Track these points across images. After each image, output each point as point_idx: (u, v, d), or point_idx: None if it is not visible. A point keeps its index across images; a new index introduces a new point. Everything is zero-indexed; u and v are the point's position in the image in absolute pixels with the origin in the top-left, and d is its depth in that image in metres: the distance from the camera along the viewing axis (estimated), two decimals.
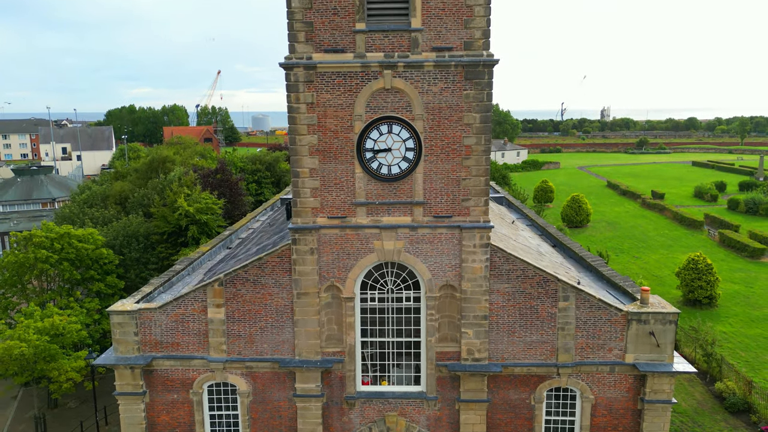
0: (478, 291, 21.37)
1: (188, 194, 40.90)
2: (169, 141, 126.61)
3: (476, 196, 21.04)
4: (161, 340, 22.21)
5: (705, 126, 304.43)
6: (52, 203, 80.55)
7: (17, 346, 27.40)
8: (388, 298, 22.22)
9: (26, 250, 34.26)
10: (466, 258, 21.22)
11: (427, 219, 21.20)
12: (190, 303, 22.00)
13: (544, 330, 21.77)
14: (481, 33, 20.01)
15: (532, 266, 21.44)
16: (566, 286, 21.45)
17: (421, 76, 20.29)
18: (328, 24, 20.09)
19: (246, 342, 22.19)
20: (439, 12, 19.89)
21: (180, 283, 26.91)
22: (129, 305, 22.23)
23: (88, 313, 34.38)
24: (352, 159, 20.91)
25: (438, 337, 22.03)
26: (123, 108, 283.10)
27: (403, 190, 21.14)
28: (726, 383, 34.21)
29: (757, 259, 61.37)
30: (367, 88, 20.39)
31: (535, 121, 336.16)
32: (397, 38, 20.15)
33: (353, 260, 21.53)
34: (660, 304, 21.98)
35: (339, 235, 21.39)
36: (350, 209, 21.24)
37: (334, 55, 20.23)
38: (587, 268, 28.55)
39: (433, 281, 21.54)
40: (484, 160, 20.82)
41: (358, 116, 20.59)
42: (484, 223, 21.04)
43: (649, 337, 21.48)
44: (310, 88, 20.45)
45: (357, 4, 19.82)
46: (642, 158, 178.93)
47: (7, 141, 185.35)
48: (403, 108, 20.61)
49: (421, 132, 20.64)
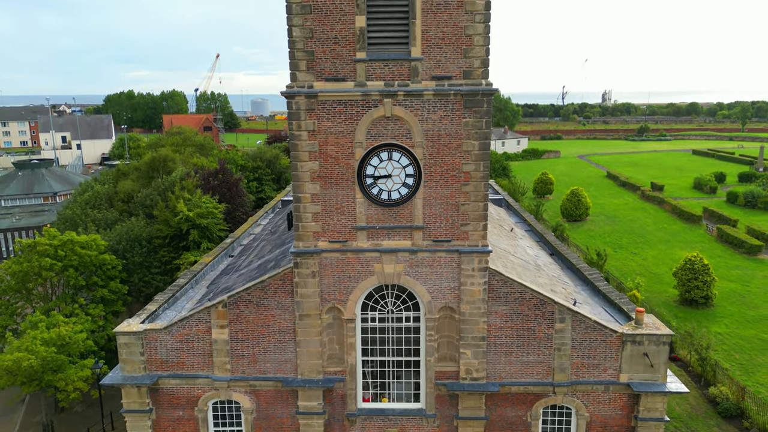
0: (477, 313, 21.85)
1: (188, 199, 41.22)
2: (169, 131, 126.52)
3: (475, 221, 21.39)
4: (167, 360, 22.73)
5: (706, 111, 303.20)
6: (53, 197, 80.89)
7: (26, 358, 27.97)
8: (388, 318, 22.71)
9: (30, 259, 34.65)
10: (464, 281, 21.65)
11: (427, 243, 21.59)
12: (195, 324, 22.48)
13: (540, 350, 22.29)
14: (480, 62, 20.21)
15: (529, 289, 21.88)
16: (563, 308, 21.91)
17: (421, 105, 20.54)
18: (329, 53, 20.28)
19: (249, 361, 22.72)
20: (438, 41, 20.08)
21: (184, 297, 27.39)
22: (135, 326, 22.72)
23: (92, 319, 34.92)
24: (352, 185, 21.24)
25: (437, 357, 22.56)
26: (122, 93, 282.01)
27: (403, 215, 21.50)
28: (720, 388, 34.88)
29: (755, 256, 61.86)
30: (368, 116, 20.65)
31: (536, 106, 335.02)
32: (397, 67, 20.36)
33: (354, 283, 21.97)
34: (654, 325, 22.47)
35: (340, 258, 21.80)
36: (351, 233, 21.62)
37: (335, 83, 20.46)
38: (584, 281, 29.03)
39: (432, 303, 22.01)
40: (483, 186, 21.13)
41: (358, 143, 20.87)
42: (483, 247, 21.42)
43: (643, 357, 22.01)
44: (312, 116, 20.71)
45: (357, 33, 20.00)
46: (642, 146, 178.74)
47: (7, 128, 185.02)
48: (403, 135, 20.89)
49: (421, 159, 20.94)
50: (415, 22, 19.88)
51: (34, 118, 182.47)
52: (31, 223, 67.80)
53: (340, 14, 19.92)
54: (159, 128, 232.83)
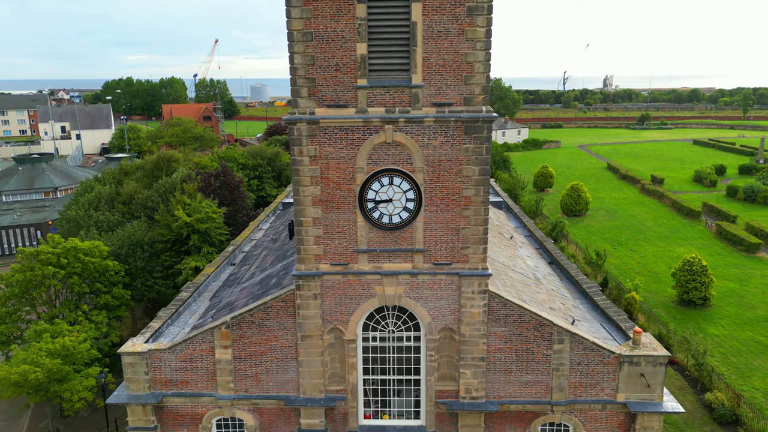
0: (476, 334, 22.17)
1: (188, 203, 41.38)
2: (168, 122, 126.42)
3: (475, 244, 21.61)
4: (171, 379, 23.10)
5: (708, 98, 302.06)
6: (54, 192, 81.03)
7: (32, 371, 28.36)
8: (389, 338, 23.04)
9: (33, 267, 34.90)
10: (464, 303, 21.94)
11: (427, 266, 21.83)
12: (198, 344, 22.82)
13: (539, 370, 22.65)
14: (480, 89, 20.29)
15: (528, 311, 22.17)
16: (561, 329, 22.22)
17: (422, 131, 20.66)
18: (330, 80, 20.35)
19: (252, 380, 23.09)
20: (439, 69, 20.14)
21: (187, 312, 27.71)
22: (139, 345, 23.05)
23: (96, 326, 35.30)
24: (354, 209, 21.43)
25: (437, 376, 22.92)
26: (120, 80, 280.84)
27: (404, 238, 21.71)
28: (716, 394, 35.35)
29: (753, 254, 62.19)
30: (369, 142, 20.78)
31: (537, 93, 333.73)
32: (398, 94, 20.44)
33: (355, 304, 22.26)
34: (651, 345, 22.79)
35: (341, 280, 22.06)
36: (352, 256, 21.86)
37: (337, 110, 20.55)
38: (582, 293, 29.32)
39: (432, 324, 22.32)
40: (483, 210, 21.32)
41: (359, 168, 21.02)
42: (483, 270, 21.66)
43: (640, 377, 22.36)
44: (313, 142, 20.84)
45: (359, 60, 20.05)
46: (643, 135, 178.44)
47: (6, 117, 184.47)
48: (403, 160, 21.03)
49: (422, 183, 21.10)
50: (416, 50, 19.92)
51: (33, 107, 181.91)
52: (33, 220, 68.06)
53: (342, 42, 19.96)
54: (158, 116, 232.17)
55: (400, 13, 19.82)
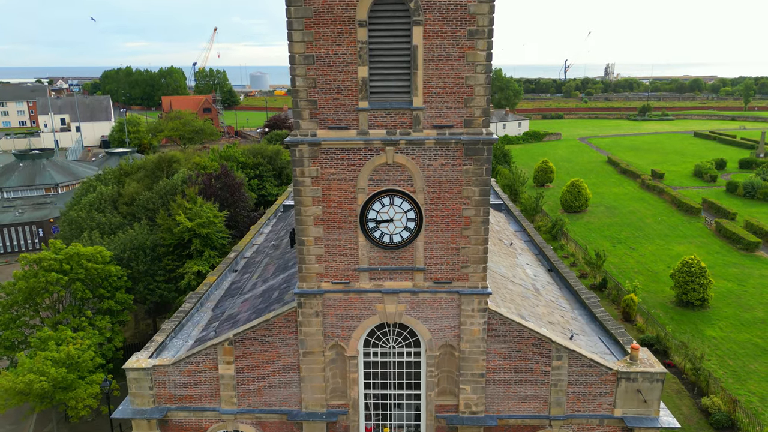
0: (476, 351, 22.47)
1: (189, 208, 41.56)
2: (169, 116, 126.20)
3: (475, 263, 21.85)
4: (175, 393, 23.46)
5: (709, 88, 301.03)
6: (55, 188, 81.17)
7: (37, 380, 28.74)
8: (389, 353, 23.35)
9: (36, 273, 35.15)
10: (464, 321, 22.22)
11: (428, 284, 22.08)
12: (202, 360, 23.14)
13: (537, 386, 22.99)
14: (481, 111, 20.41)
15: (527, 329, 22.46)
16: (560, 346, 22.52)
17: (422, 152, 20.81)
18: (332, 102, 20.47)
19: (255, 395, 23.45)
20: (440, 91, 20.24)
21: (190, 323, 28.02)
22: (144, 361, 23.37)
23: (100, 332, 35.66)
24: (355, 228, 21.63)
25: (437, 391, 23.27)
26: (119, 70, 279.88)
27: (405, 257, 21.94)
28: (712, 399, 35.77)
29: (752, 252, 62.47)
30: (370, 163, 20.93)
31: (538, 82, 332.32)
32: (399, 116, 20.56)
33: (356, 322, 22.55)
34: (648, 361, 23.11)
35: (343, 298, 22.33)
36: (353, 274, 22.10)
37: (338, 131, 20.69)
38: (581, 304, 29.60)
39: (433, 341, 22.62)
40: (483, 230, 21.52)
41: (361, 189, 21.20)
42: (483, 289, 21.91)
43: (636, 392, 22.71)
44: (315, 163, 21.00)
45: (360, 83, 20.15)
46: (644, 126, 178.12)
47: (5, 108, 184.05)
48: (404, 181, 21.20)
49: (422, 204, 21.29)
50: (417, 73, 20.02)
51: (33, 98, 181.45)
52: (34, 218, 68.26)
53: (343, 65, 20.05)
54: (158, 106, 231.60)
55: (402, 36, 19.89)
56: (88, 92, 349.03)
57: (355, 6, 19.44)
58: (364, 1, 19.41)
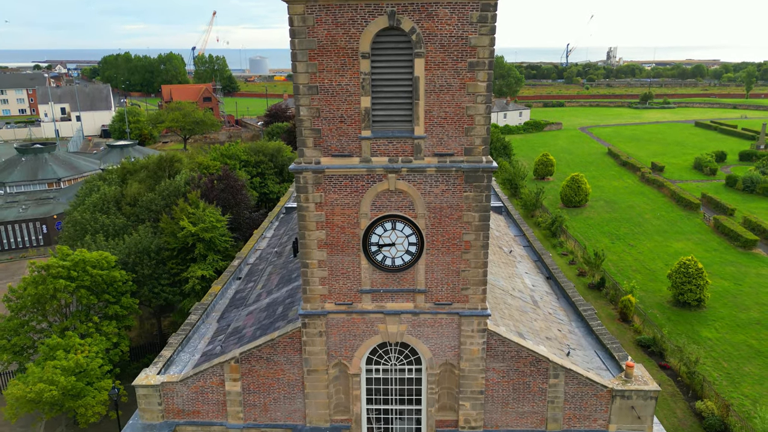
0: (476, 369, 23.16)
1: (192, 212, 42.02)
2: (169, 106, 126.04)
3: (474, 286, 22.42)
4: (183, 408, 24.20)
5: (711, 74, 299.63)
6: (57, 183, 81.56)
7: (48, 390, 29.48)
8: (391, 370, 24.04)
9: (44, 281, 35.74)
10: (464, 341, 22.87)
11: (429, 306, 22.69)
12: (209, 377, 23.85)
13: (535, 402, 23.71)
14: (481, 140, 20.83)
15: (525, 348, 23.11)
16: (557, 365, 23.19)
17: (424, 179, 21.27)
18: (335, 131, 20.88)
19: (261, 410, 24.19)
20: (441, 121, 20.64)
21: (196, 335, 28.69)
22: (153, 377, 24.07)
23: (107, 337, 36.34)
24: (358, 251, 22.17)
25: (437, 407, 24.00)
26: (119, 56, 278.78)
27: (406, 280, 22.51)
28: (706, 403, 36.55)
29: (749, 250, 63.03)
30: (372, 190, 21.41)
31: (539, 67, 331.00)
32: (401, 144, 20.99)
33: (359, 341, 23.20)
34: (643, 378, 23.79)
35: (346, 319, 22.96)
36: (356, 296, 22.69)
37: (341, 159, 21.13)
38: (579, 315, 30.23)
39: (433, 360, 23.29)
40: (483, 254, 22.05)
41: (363, 214, 21.70)
42: (482, 310, 22.51)
43: (630, 409, 23.43)
44: (319, 189, 21.47)
45: (363, 113, 20.54)
46: (645, 115, 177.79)
47: (5, 96, 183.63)
48: (406, 207, 21.69)
49: (423, 229, 21.80)
50: (419, 103, 20.40)
51: (32, 86, 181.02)
52: (38, 214, 68.73)
53: (346, 95, 20.43)
54: (157, 92, 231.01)
55: (404, 67, 20.24)
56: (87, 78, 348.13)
57: (358, 38, 19.77)
58: (367, 34, 19.73)
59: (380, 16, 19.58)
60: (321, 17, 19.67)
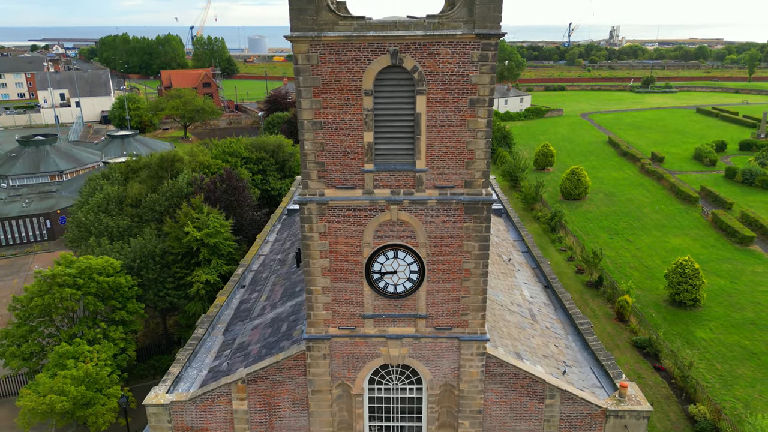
0: (474, 390, 23.95)
1: (196, 217, 42.54)
2: (168, 95, 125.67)
3: (474, 311, 23.08)
4: (192, 426, 25.04)
5: (714, 55, 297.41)
6: (59, 176, 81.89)
7: (59, 401, 30.37)
8: (393, 389, 24.84)
9: (51, 289, 36.38)
10: (464, 364, 23.61)
11: (429, 330, 23.38)
12: (217, 396, 24.65)
13: (531, 421, 24.55)
14: (481, 174, 21.29)
15: (522, 371, 23.87)
16: (553, 387, 23.98)
17: (425, 210, 21.78)
18: (339, 164, 21.32)
19: (267, 428, 25.03)
20: (442, 155, 21.08)
21: (203, 349, 29.44)
22: (162, 396, 24.87)
23: (115, 343, 37.17)
24: (361, 279, 22.78)
25: (437, 425, 24.85)
26: (116, 37, 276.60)
27: (408, 305, 23.17)
28: (699, 407, 37.54)
29: (746, 246, 63.71)
30: (375, 220, 21.93)
31: (541, 49, 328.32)
32: (403, 177, 21.46)
33: (362, 363, 23.94)
34: (636, 398, 24.59)
35: (349, 342, 23.66)
36: (359, 321, 23.37)
37: (345, 191, 21.61)
38: (576, 329, 30.94)
39: (434, 381, 24.06)
40: (482, 282, 22.66)
41: (366, 243, 22.25)
42: (481, 335, 23.21)
43: (624, 428, 24.27)
44: (323, 220, 21.99)
45: (366, 147, 20.97)
46: (647, 100, 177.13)
47: (3, 80, 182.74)
48: (407, 236, 22.24)
49: (425, 257, 22.37)
50: (420, 138, 20.81)
51: (31, 70, 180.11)
52: (42, 209, 69.23)
53: (349, 130, 20.83)
54: (156, 75, 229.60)
55: (406, 104, 20.61)
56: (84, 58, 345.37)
57: (362, 76, 20.11)
58: (370, 72, 20.07)
59: (383, 55, 19.90)
60: (325, 56, 19.99)
